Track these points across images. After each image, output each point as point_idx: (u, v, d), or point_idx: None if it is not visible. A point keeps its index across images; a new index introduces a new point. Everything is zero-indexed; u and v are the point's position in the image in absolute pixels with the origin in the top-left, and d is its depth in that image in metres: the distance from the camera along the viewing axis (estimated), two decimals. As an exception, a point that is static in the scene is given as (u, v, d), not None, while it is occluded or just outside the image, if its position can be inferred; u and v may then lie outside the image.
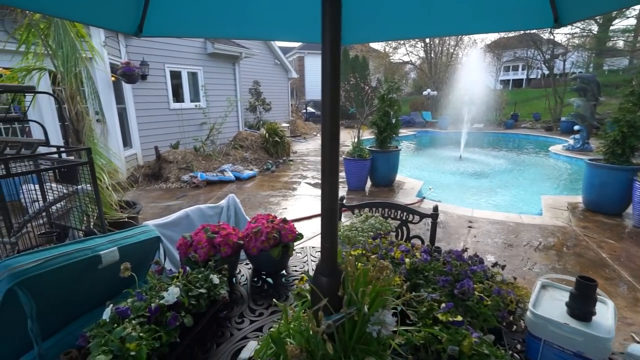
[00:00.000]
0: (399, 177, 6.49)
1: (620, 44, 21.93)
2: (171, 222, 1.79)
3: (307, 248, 1.79)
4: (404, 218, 1.90)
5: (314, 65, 26.53)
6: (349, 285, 0.76)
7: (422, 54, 27.70)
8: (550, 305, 1.12)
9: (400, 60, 30.21)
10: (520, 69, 33.37)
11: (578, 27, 22.22)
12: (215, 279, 1.17)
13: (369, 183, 6.31)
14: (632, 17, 19.66)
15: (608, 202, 4.70)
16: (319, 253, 1.50)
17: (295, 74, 16.85)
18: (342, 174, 6.28)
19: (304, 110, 20.21)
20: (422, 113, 18.92)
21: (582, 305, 1.02)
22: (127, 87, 6.92)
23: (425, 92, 20.51)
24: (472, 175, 7.77)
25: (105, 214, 3.12)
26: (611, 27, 22.23)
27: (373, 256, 1.23)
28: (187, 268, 1.18)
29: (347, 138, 6.72)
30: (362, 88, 6.42)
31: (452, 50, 25.04)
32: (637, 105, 4.64)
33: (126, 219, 3.31)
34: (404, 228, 1.89)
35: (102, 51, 5.85)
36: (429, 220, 1.84)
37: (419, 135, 15.08)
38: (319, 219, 4.84)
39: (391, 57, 29.71)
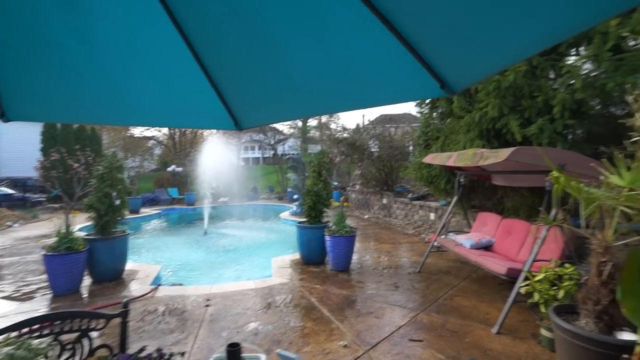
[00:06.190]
0: (131, 265, 5.68)
1: (315, 135, 32.03)
2: None
3: None
4: (83, 327, 1.58)
5: (14, 134, 20.57)
6: None
7: (165, 130, 28.01)
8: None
9: (142, 135, 29.00)
10: (256, 149, 40.56)
11: (291, 122, 30.65)
12: None
13: (88, 281, 5.09)
14: (316, 119, 29.63)
15: (314, 255, 6.18)
16: None
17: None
18: (45, 276, 4.75)
19: None
20: (168, 190, 18.45)
21: (233, 371, 1.15)
22: None
23: (170, 168, 20.37)
24: (216, 249, 8.10)
25: None
26: (308, 123, 32.50)
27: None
28: None
29: (51, 227, 5.28)
30: (69, 165, 5.41)
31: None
32: (319, 179, 6.64)
33: None
34: (84, 340, 1.55)
35: None
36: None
37: (164, 214, 14.39)
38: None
39: (131, 131, 27.99)
